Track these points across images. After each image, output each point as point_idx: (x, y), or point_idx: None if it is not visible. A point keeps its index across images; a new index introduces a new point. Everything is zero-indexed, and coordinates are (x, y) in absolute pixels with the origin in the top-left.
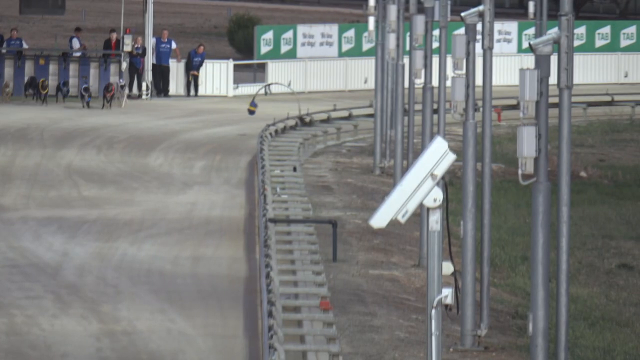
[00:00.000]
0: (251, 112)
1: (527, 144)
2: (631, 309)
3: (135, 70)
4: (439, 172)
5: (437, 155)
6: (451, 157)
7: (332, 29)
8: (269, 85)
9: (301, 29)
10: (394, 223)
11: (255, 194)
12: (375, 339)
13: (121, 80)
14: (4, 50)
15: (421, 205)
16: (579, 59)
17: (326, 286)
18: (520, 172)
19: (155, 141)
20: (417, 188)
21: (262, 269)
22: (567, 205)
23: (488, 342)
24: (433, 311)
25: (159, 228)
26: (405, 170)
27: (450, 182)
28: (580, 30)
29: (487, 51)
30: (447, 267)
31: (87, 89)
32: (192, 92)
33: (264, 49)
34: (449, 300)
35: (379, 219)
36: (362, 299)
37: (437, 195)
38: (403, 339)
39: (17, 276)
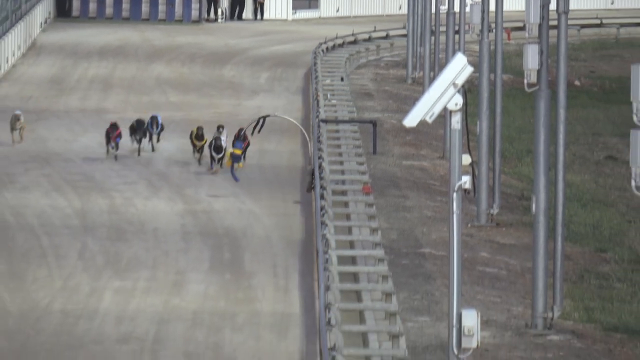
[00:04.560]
0: (236, 157)
1: (532, 59)
2: (616, 192)
3: None
4: (460, 81)
5: (458, 68)
6: (469, 69)
7: None
8: (264, 117)
9: None
10: (423, 123)
11: (310, 99)
12: (407, 216)
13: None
14: None
15: (445, 109)
16: None
17: (368, 174)
18: (525, 81)
19: (228, 57)
20: (441, 94)
21: (315, 160)
22: (564, 108)
23: (499, 219)
24: (454, 194)
25: (233, 127)
26: (432, 80)
27: (469, 89)
28: None
29: None
30: (466, 159)
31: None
32: (259, 16)
33: None
34: (468, 186)
35: (411, 119)
36: (397, 184)
37: (458, 100)
38: (430, 216)
39: (117, 165)
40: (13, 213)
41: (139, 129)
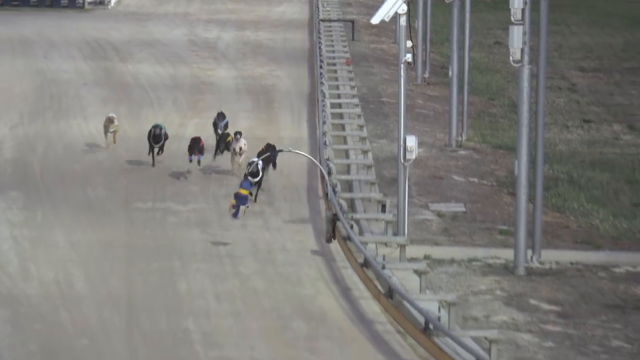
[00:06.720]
0: (242, 199)
1: None
2: (500, 64)
3: None
4: None
5: None
6: None
7: None
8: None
9: None
10: (383, 21)
11: (313, 7)
12: (373, 79)
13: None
14: None
15: (396, 13)
16: None
17: (349, 53)
18: None
19: None
20: (394, 3)
21: (316, 44)
22: (469, 12)
23: (430, 80)
24: (402, 65)
25: (266, 24)
26: None
27: (410, 1)
28: None
29: None
30: (409, 43)
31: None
32: None
33: None
34: (410, 60)
35: (376, 19)
36: (367, 59)
37: (404, 7)
38: (387, 79)
39: (194, 47)
40: (132, 77)
41: (155, 138)
